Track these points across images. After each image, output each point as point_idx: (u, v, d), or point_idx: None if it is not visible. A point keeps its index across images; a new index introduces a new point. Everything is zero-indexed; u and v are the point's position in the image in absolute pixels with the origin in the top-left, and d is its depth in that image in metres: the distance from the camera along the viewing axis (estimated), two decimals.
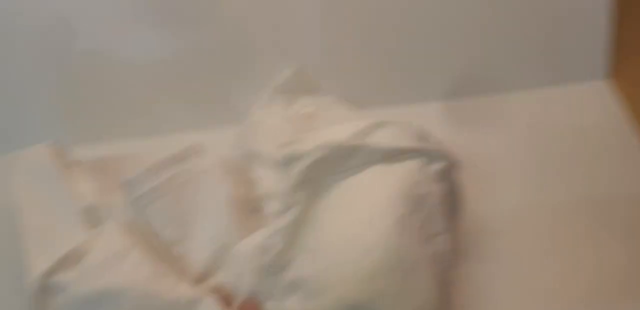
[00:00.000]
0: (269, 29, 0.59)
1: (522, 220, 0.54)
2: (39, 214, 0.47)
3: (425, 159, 0.45)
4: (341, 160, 0.44)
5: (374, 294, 0.40)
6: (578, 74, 0.61)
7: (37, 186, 0.48)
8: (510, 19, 0.60)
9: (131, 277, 0.43)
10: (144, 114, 0.61)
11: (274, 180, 0.50)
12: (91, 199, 0.48)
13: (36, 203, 0.48)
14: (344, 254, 0.41)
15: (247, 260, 0.46)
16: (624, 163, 0.56)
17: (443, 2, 0.59)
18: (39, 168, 0.49)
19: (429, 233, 0.44)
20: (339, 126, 0.47)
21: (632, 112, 0.59)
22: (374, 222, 0.42)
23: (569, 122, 0.60)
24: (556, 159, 0.58)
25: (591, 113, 0.61)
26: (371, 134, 0.45)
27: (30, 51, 0.60)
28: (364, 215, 0.42)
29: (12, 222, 0.47)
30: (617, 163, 0.56)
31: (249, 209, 0.50)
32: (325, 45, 0.60)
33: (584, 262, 0.51)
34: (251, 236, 0.47)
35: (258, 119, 0.54)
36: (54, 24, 0.58)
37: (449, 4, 0.59)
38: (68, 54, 0.60)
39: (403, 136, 0.45)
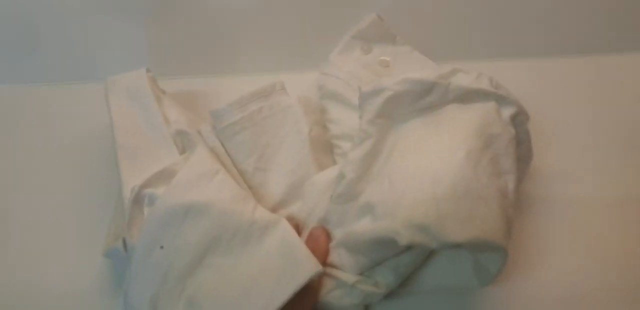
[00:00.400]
0: None
1: (586, 172, 0.55)
2: (133, 134, 0.49)
3: (498, 103, 0.46)
4: (419, 97, 0.45)
5: (441, 217, 0.40)
6: None
7: (132, 108, 0.50)
8: None
9: (215, 195, 0.45)
10: (227, 53, 0.62)
11: (350, 121, 0.52)
12: (181, 124, 0.50)
13: (131, 124, 0.50)
14: (415, 181, 0.42)
15: (322, 191, 0.48)
16: None
17: None
18: (135, 92, 0.51)
19: (497, 170, 0.44)
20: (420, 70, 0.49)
21: None
22: (446, 153, 0.43)
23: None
24: (624, 125, 0.58)
25: None
26: (450, 77, 0.46)
27: None
28: (437, 147, 0.43)
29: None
30: None
31: (324, 149, 0.52)
32: None
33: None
34: (327, 170, 0.49)
35: (336, 63, 0.55)
36: None
37: None
38: None
39: (480, 80, 0.46)
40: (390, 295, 0.47)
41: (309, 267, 0.42)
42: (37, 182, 0.56)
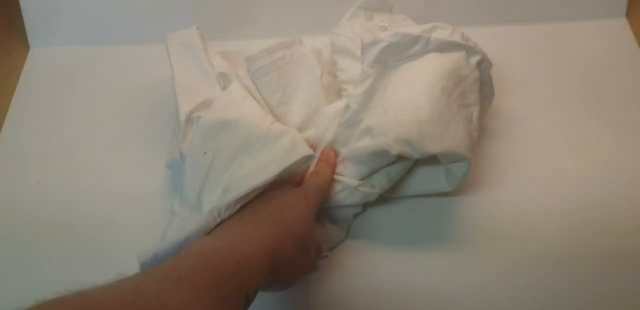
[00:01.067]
0: None
1: (539, 114, 0.67)
2: (187, 74, 0.62)
3: (467, 52, 0.59)
4: (407, 47, 0.57)
5: (422, 135, 0.52)
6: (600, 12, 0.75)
7: (186, 56, 0.63)
8: None
9: (242, 113, 0.57)
10: (255, 21, 0.76)
11: (354, 70, 0.63)
12: (223, 68, 0.63)
13: (185, 67, 0.62)
14: (403, 108, 0.54)
15: (331, 119, 0.61)
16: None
17: None
18: (188, 43, 0.64)
19: (465, 103, 0.57)
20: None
21: None
22: (427, 88, 0.55)
23: (589, 53, 0.74)
24: (573, 79, 0.72)
25: (608, 45, 0.74)
26: (431, 31, 0.59)
27: None
28: (420, 84, 0.55)
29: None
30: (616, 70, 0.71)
31: (333, 92, 0.65)
32: None
33: (588, 148, 0.65)
34: (335, 103, 0.62)
35: (345, 27, 0.68)
36: None
37: None
38: None
39: (454, 34, 0.59)
40: (383, 200, 0.60)
41: (307, 149, 0.56)
42: (117, 114, 0.72)
